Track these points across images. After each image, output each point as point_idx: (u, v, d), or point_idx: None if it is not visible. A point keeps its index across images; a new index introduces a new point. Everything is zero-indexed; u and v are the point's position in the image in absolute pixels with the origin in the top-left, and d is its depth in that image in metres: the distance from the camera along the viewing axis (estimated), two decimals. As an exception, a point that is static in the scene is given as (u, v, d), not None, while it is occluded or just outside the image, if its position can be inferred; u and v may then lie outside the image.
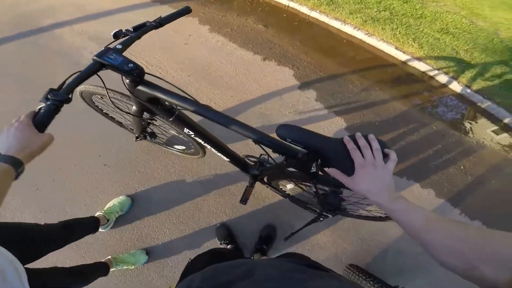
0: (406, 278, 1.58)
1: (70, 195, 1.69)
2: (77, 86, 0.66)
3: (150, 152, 1.83)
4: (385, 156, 0.63)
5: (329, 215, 1.29)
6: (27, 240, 0.91)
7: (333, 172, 0.66)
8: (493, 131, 2.25)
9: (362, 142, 0.63)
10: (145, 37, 0.89)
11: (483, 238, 0.42)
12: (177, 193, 1.70)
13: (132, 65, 0.75)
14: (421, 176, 1.88)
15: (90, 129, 1.90)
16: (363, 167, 0.60)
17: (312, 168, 0.91)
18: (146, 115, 1.26)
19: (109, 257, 1.44)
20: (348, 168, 0.63)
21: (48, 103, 0.58)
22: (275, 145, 0.83)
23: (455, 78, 2.38)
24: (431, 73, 2.43)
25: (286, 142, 0.84)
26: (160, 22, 0.92)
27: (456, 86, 2.37)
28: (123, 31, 0.83)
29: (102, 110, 1.53)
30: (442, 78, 2.40)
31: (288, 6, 2.90)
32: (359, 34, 2.61)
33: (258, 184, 1.73)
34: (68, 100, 0.61)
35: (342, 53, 2.49)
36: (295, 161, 0.87)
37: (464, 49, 2.58)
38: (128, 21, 2.53)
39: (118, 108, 1.02)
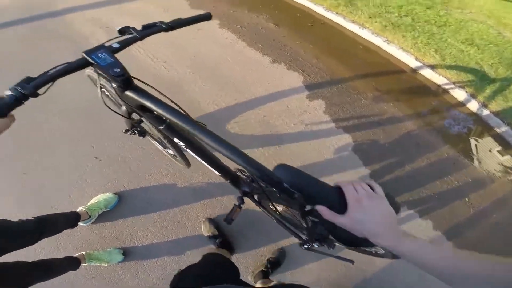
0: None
1: (59, 185, 1.65)
2: (52, 81, 0.62)
3: (145, 151, 1.76)
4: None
5: (315, 245, 1.19)
6: None
7: (324, 211, 0.56)
8: (506, 162, 2.08)
9: (354, 183, 0.59)
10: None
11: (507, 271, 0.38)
12: (166, 197, 1.63)
13: (118, 70, 0.70)
14: (422, 206, 1.73)
15: (87, 118, 1.86)
16: (358, 200, 0.53)
17: (307, 207, 0.82)
18: (135, 116, 1.19)
19: (83, 252, 1.39)
20: (342, 212, 0.55)
21: (12, 93, 0.55)
22: (272, 181, 0.73)
23: (474, 96, 2.20)
24: (451, 90, 2.25)
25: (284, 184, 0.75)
26: (173, 26, 0.87)
27: (474, 106, 2.19)
28: (130, 28, 0.78)
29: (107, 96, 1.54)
30: (461, 95, 2.22)
31: (303, 5, 2.74)
32: (378, 41, 2.44)
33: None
34: (34, 95, 0.58)
35: (356, 61, 2.33)
36: (289, 198, 0.77)
37: (488, 63, 2.38)
38: (141, 14, 2.41)
39: (107, 106, 0.96)
